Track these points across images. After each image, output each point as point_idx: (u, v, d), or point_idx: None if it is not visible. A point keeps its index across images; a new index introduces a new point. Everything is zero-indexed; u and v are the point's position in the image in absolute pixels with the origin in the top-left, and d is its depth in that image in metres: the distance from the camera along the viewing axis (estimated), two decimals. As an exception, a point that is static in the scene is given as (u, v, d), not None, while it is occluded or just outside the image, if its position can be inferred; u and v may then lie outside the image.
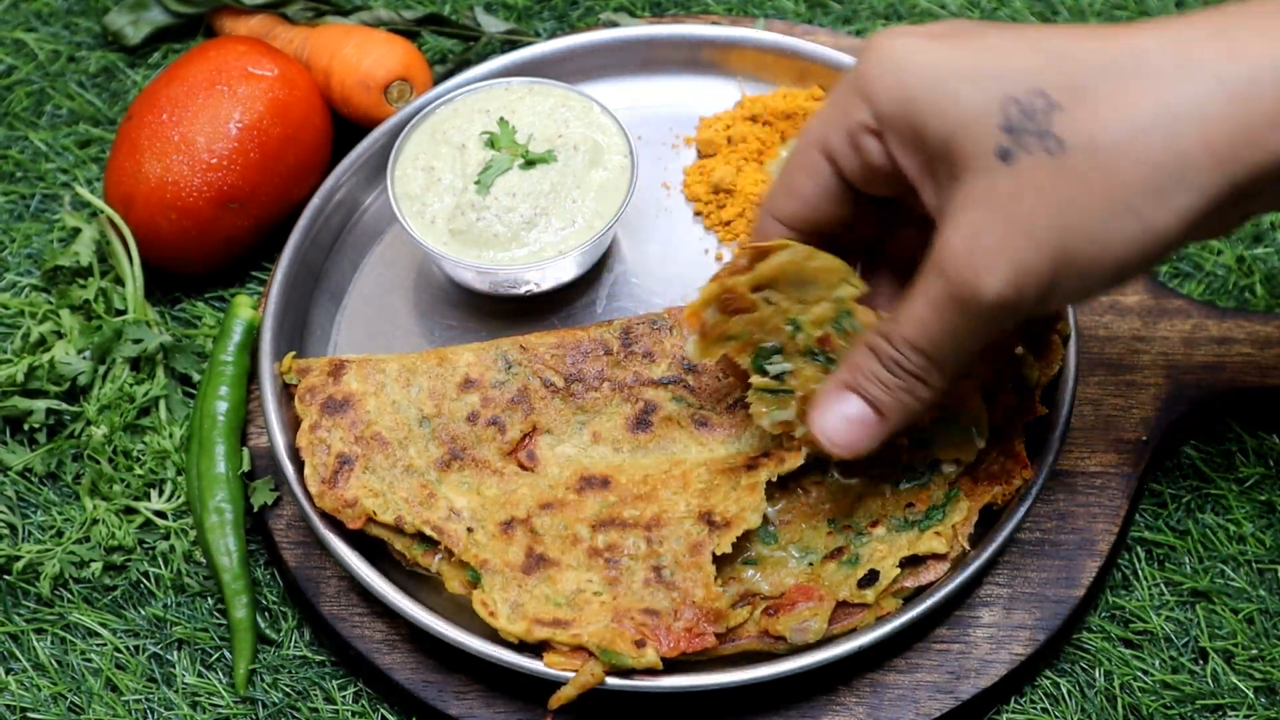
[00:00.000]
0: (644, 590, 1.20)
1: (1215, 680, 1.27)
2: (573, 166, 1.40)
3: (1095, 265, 0.98)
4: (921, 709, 1.23)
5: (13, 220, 1.60)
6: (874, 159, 1.07)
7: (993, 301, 0.99)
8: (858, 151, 1.07)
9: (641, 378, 1.32)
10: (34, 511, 1.40)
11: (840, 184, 1.11)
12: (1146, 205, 0.96)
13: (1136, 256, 0.98)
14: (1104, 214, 0.96)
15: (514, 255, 1.38)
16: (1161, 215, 0.96)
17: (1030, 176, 0.97)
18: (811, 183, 1.11)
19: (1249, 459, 1.37)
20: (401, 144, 1.43)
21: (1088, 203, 0.96)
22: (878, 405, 1.10)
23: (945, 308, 1.02)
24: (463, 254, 1.38)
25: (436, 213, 1.40)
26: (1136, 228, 0.96)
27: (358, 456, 1.26)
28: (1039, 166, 0.97)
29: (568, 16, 1.72)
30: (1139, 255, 0.98)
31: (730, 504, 1.23)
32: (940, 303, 1.02)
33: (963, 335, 1.04)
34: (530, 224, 1.38)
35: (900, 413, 1.10)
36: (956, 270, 1.00)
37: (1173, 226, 0.96)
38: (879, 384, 1.09)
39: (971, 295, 1.00)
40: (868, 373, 1.10)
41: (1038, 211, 0.97)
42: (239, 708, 1.29)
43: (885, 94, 1.03)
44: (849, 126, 1.07)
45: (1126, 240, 0.97)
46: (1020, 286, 0.99)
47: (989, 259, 0.99)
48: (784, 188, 1.13)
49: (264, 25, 1.65)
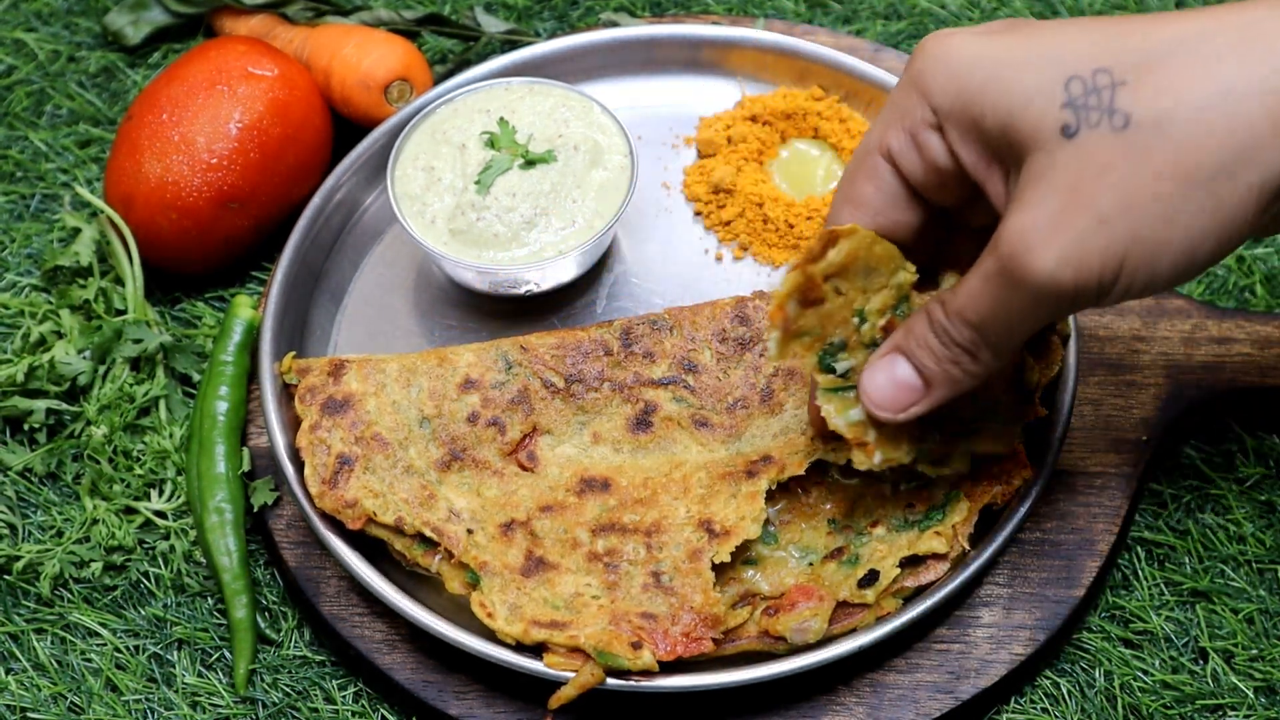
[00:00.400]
0: (642, 595, 1.20)
1: (1215, 680, 1.27)
2: (573, 166, 1.40)
3: (1165, 248, 0.95)
4: (921, 709, 1.23)
5: (13, 220, 1.60)
6: (937, 157, 1.04)
7: (1044, 280, 0.96)
8: (920, 151, 1.05)
9: (641, 378, 1.32)
10: (34, 511, 1.40)
11: (904, 189, 1.08)
12: (1218, 182, 0.93)
13: (1208, 240, 0.95)
14: (1173, 191, 0.93)
15: (514, 255, 1.38)
16: (1233, 192, 0.93)
17: (1094, 152, 0.94)
18: (874, 189, 1.09)
19: (1249, 459, 1.37)
20: (402, 144, 1.43)
21: (1156, 179, 0.93)
22: (925, 372, 1.08)
23: (995, 283, 0.99)
24: (463, 254, 1.38)
25: (436, 213, 1.40)
26: (1209, 205, 0.93)
27: (358, 457, 1.26)
28: (1104, 142, 0.94)
29: (568, 16, 1.72)
30: (1211, 238, 0.95)
31: (730, 512, 1.23)
32: (991, 277, 0.99)
33: (1014, 314, 1.00)
34: (530, 224, 1.38)
35: (945, 384, 1.07)
36: (1010, 245, 0.97)
37: (1248, 204, 0.94)
38: (928, 351, 1.07)
39: (1021, 271, 0.97)
40: (919, 338, 1.07)
41: (1102, 188, 0.94)
42: (239, 708, 1.29)
43: (942, 87, 1.01)
44: (909, 125, 1.04)
45: (1198, 219, 0.94)
46: (1078, 266, 0.95)
47: (1044, 235, 0.95)
48: (846, 196, 1.11)
49: (264, 25, 1.65)
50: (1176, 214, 0.94)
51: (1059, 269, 0.95)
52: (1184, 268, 0.96)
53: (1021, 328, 1.02)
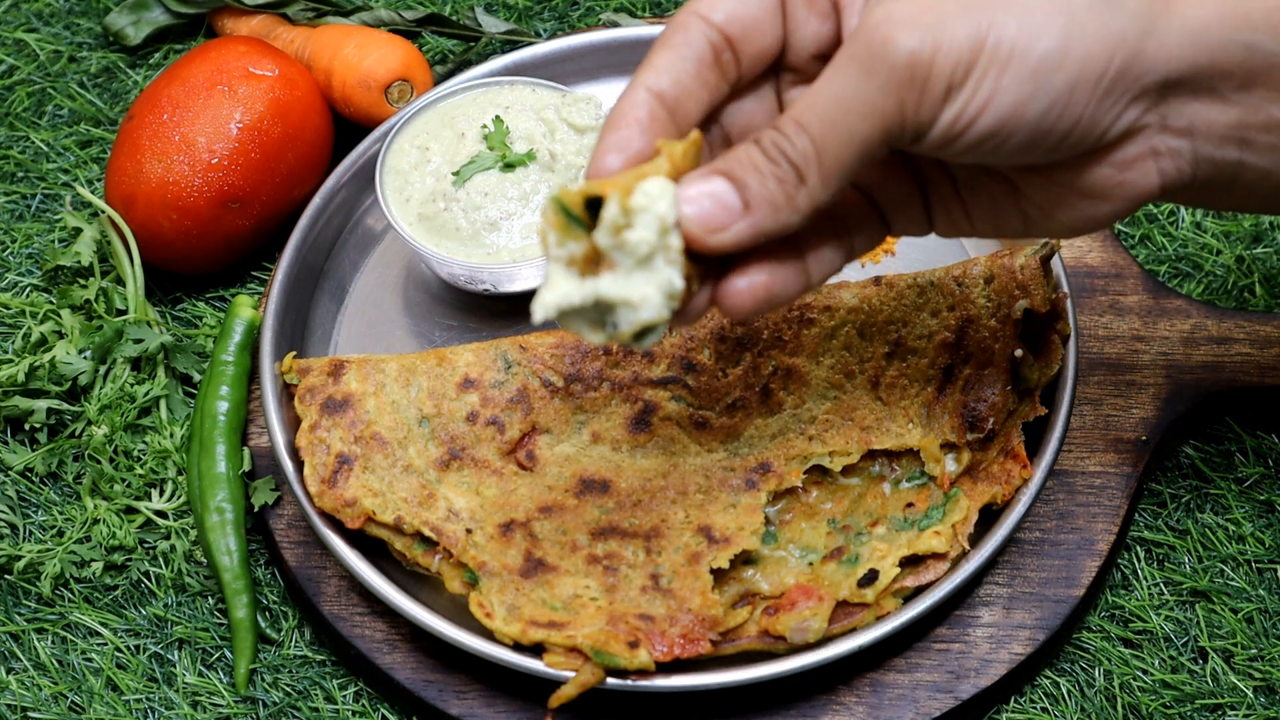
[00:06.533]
0: (640, 597, 1.20)
1: (1215, 680, 1.27)
2: (549, 181, 1.39)
3: (1024, 58, 0.92)
4: (921, 709, 1.23)
5: (14, 220, 1.60)
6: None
7: (905, 57, 0.92)
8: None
9: (641, 378, 1.32)
10: (35, 511, 1.40)
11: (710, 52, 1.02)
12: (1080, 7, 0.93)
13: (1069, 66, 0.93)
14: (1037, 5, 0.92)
15: (470, 252, 1.37)
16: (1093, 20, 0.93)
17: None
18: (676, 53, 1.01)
19: (1249, 459, 1.37)
20: (412, 118, 1.44)
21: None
22: (745, 191, 0.97)
23: (846, 73, 0.94)
24: (423, 239, 1.38)
25: (414, 193, 1.40)
26: (1062, 21, 0.92)
27: (357, 456, 1.26)
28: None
29: (568, 16, 1.73)
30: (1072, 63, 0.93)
31: (729, 520, 1.23)
32: (843, 67, 0.94)
33: (858, 115, 0.94)
34: (494, 226, 1.38)
35: (766, 208, 0.96)
36: (870, 29, 0.93)
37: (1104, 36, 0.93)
38: (752, 167, 0.97)
39: (880, 48, 0.92)
40: (742, 157, 0.97)
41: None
42: (239, 707, 1.29)
43: None
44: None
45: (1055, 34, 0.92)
46: (939, 44, 0.92)
47: (907, 18, 0.92)
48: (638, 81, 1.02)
49: (265, 25, 1.66)
50: (1037, 25, 0.93)
51: (921, 46, 0.92)
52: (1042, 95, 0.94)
53: (861, 137, 0.95)
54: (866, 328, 1.31)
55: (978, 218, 1.07)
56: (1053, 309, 1.28)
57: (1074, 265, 1.42)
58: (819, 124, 0.95)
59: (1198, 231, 1.51)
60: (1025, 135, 0.95)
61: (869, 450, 1.27)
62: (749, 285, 1.00)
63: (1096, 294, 1.41)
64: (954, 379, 1.28)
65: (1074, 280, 1.41)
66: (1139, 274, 1.42)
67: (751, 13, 1.02)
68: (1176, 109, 0.97)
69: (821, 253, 1.04)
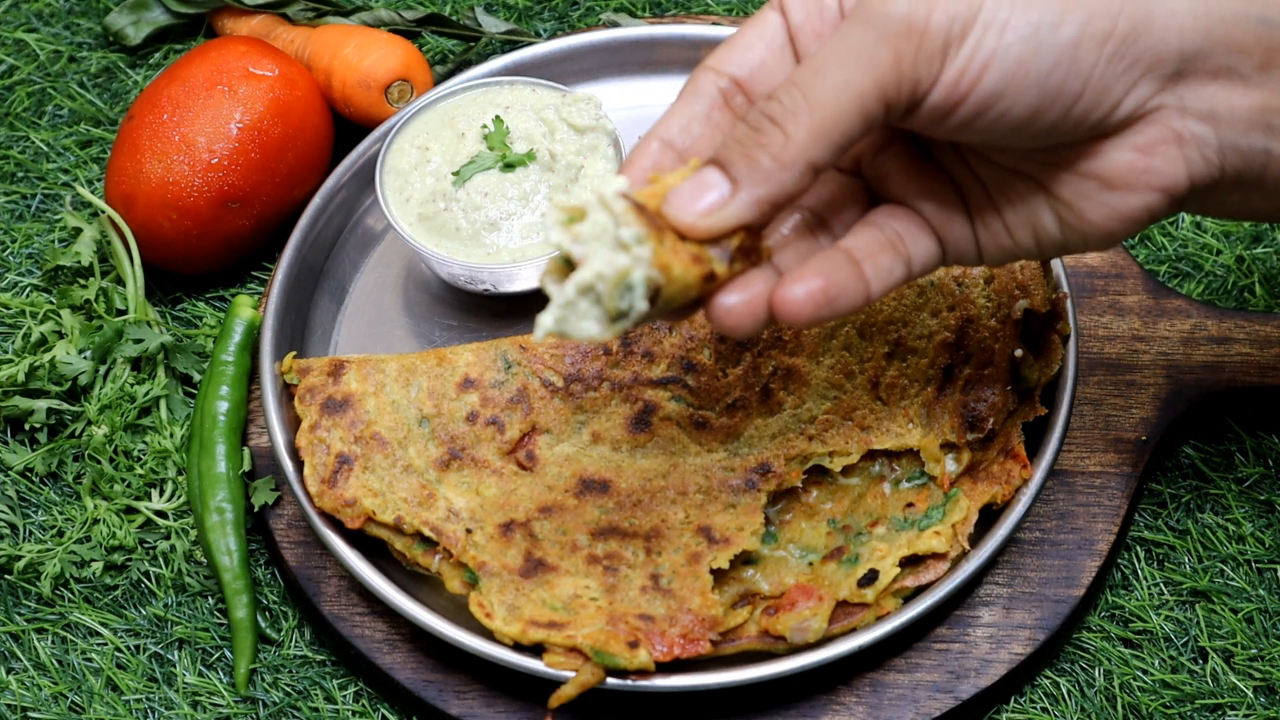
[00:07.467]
0: (640, 597, 1.20)
1: (1215, 680, 1.27)
2: (549, 181, 1.39)
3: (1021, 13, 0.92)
4: (921, 709, 1.23)
5: (14, 220, 1.60)
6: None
7: (902, 13, 0.92)
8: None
9: (641, 378, 1.32)
10: (35, 511, 1.40)
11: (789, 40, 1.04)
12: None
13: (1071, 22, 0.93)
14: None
15: (470, 252, 1.37)
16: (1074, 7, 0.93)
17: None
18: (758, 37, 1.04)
19: (1249, 459, 1.37)
20: (411, 119, 1.44)
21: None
22: (732, 169, 0.95)
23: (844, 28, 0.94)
24: (423, 239, 1.38)
25: (414, 193, 1.40)
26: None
27: (357, 456, 1.26)
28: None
29: (568, 16, 1.73)
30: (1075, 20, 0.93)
31: (729, 521, 1.23)
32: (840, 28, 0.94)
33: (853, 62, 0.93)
34: (494, 226, 1.38)
35: (756, 176, 0.95)
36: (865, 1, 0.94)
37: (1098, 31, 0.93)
38: (736, 144, 0.96)
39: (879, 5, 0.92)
40: (728, 139, 0.97)
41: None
42: (239, 707, 1.29)
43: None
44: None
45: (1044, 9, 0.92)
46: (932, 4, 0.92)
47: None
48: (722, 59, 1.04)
49: (265, 25, 1.66)
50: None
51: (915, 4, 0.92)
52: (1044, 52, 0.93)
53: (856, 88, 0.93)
54: (866, 328, 1.31)
55: (1015, 225, 1.05)
56: (1053, 309, 1.28)
57: (1074, 265, 1.42)
58: (811, 75, 0.94)
59: (1198, 231, 1.51)
60: (1032, 97, 0.94)
61: (869, 450, 1.27)
62: (806, 292, 0.98)
63: (1096, 294, 1.41)
64: (954, 379, 1.28)
65: (1074, 280, 1.42)
66: (1139, 274, 1.42)
67: (759, 56, 1.03)
68: (1195, 90, 0.96)
69: (878, 259, 1.02)
